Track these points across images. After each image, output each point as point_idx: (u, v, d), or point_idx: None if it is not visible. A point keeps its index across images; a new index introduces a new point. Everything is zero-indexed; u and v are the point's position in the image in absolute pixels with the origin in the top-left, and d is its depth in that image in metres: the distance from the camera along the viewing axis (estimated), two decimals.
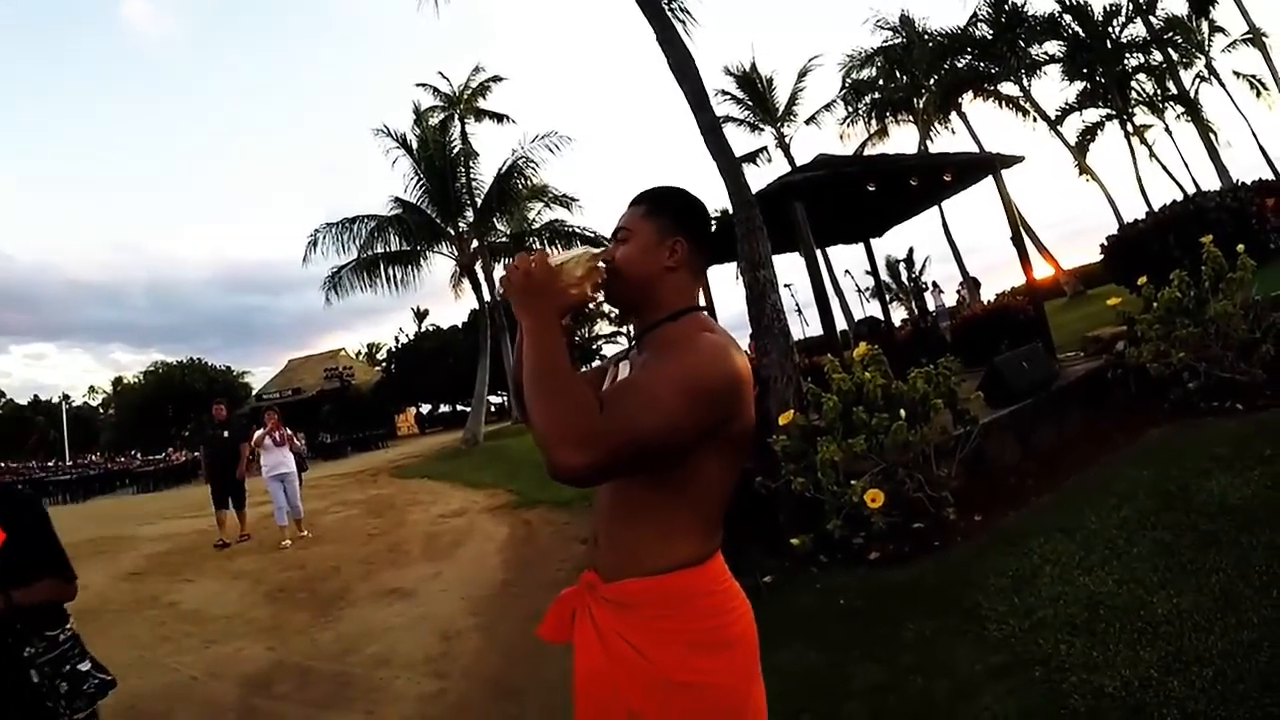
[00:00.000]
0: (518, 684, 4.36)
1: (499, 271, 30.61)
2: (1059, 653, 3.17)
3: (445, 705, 4.21)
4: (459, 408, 52.42)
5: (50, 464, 52.24)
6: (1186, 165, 35.32)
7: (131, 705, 4.56)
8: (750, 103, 31.71)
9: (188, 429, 11.30)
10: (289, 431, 10.25)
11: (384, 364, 58.35)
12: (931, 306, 20.27)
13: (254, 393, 51.79)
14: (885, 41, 29.45)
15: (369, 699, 4.39)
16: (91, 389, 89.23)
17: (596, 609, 1.52)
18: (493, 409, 39.80)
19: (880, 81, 30.02)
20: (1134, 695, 2.73)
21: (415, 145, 24.87)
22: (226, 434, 10.27)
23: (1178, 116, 28.08)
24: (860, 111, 30.27)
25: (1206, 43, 27.86)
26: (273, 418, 10.14)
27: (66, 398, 75.99)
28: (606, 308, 1.73)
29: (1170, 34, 26.64)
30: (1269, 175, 23.88)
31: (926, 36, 28.24)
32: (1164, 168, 28.45)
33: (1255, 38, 24.96)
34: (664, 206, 1.65)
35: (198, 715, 4.41)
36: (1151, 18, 24.60)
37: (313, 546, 9.35)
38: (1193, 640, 2.96)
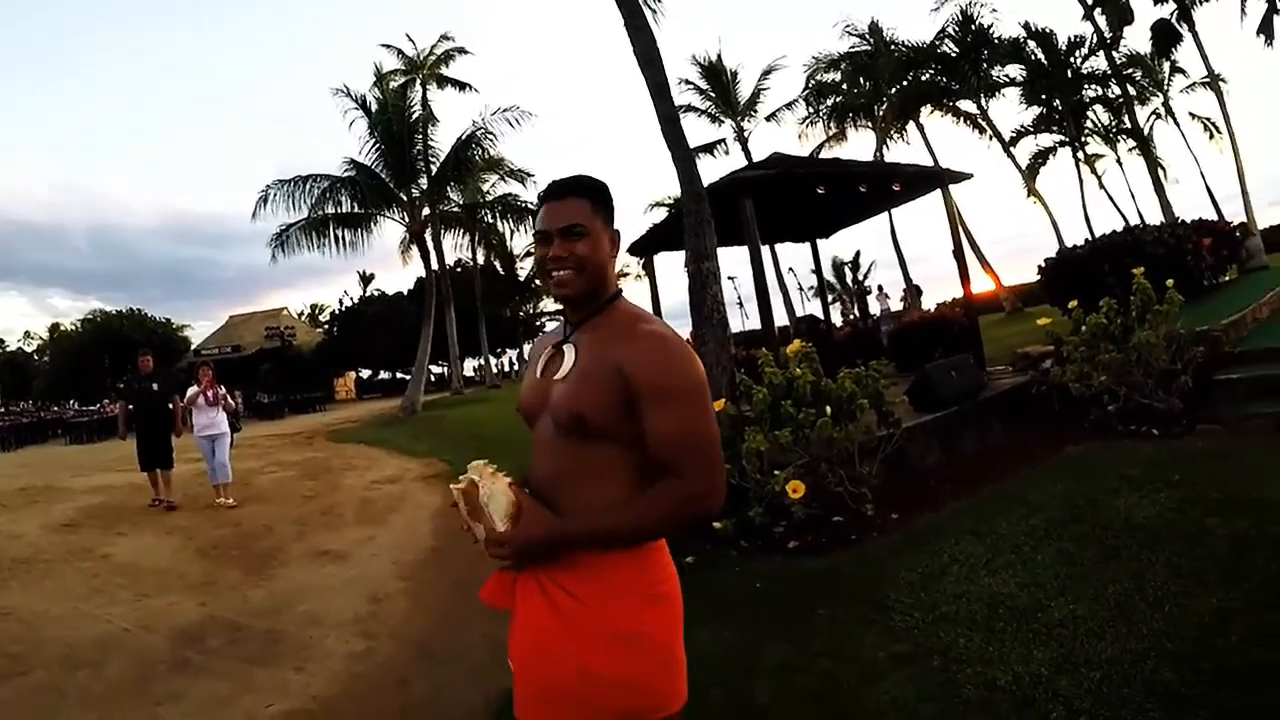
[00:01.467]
0: (443, 646, 4.48)
1: (449, 240, 30.54)
2: (957, 646, 3.35)
3: (373, 664, 4.30)
4: (399, 375, 51.95)
5: None
6: (1133, 197, 36.14)
7: (65, 655, 4.60)
8: (713, 94, 31.85)
9: (122, 381, 10.96)
10: (222, 390, 9.77)
11: (326, 326, 57.51)
12: (876, 310, 20.71)
13: (193, 347, 50.66)
14: (853, 47, 29.77)
15: (299, 656, 4.46)
16: (27, 334, 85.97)
17: (544, 568, 1.60)
18: (433, 379, 39.51)
19: (844, 86, 30.33)
20: (1024, 690, 2.90)
21: (374, 108, 24.56)
22: (156, 386, 9.73)
23: (1130, 150, 28.81)
24: (821, 113, 30.62)
25: (1166, 82, 28.51)
26: (206, 375, 9.59)
27: (1, 342, 73.67)
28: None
29: (1131, 70, 27.28)
30: (1212, 214, 24.59)
31: (893, 47, 28.58)
32: (1110, 198, 29.24)
33: (1213, 82, 25.61)
34: (604, 200, 1.73)
35: (130, 666, 4.41)
36: (1114, 53, 25.16)
37: (247, 506, 9.29)
38: (1084, 644, 3.16)
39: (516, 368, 54.34)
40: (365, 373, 56.47)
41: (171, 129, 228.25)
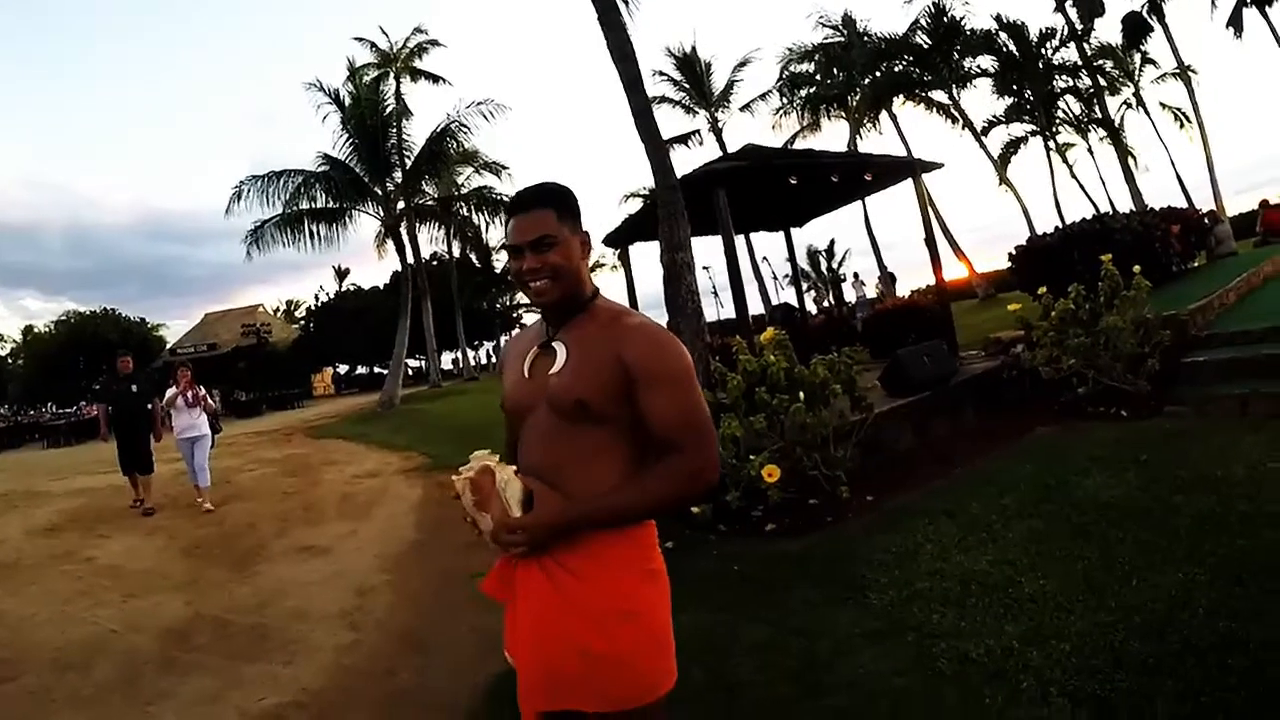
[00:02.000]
0: (428, 637, 4.54)
1: (424, 234, 30.47)
2: (931, 621, 3.44)
3: (360, 655, 4.35)
4: (376, 370, 51.74)
5: None
6: (1104, 185, 36.45)
7: (54, 658, 4.62)
8: (687, 85, 31.92)
9: (98, 382, 10.88)
10: (202, 390, 9.54)
11: (303, 322, 57.15)
12: (852, 297, 20.88)
13: (169, 346, 50.13)
14: (826, 38, 29.92)
15: (287, 650, 4.50)
16: (0, 338, 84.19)
17: (547, 550, 1.64)
18: (410, 373, 39.36)
19: (817, 76, 30.39)
20: (996, 662, 2.98)
21: (348, 102, 24.40)
22: (134, 388, 9.56)
23: (1100, 139, 29.05)
24: (795, 104, 30.66)
25: (1137, 73, 28.80)
26: (185, 376, 9.34)
27: None
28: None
29: (1101, 61, 27.54)
30: (1182, 202, 24.85)
31: (866, 38, 28.74)
32: (1081, 186, 29.46)
33: (1183, 73, 25.92)
34: (569, 206, 1.76)
35: (118, 666, 4.43)
36: (1085, 44, 25.32)
37: (229, 504, 9.24)
38: (1054, 618, 3.24)
39: (494, 360, 54.13)
40: (343, 368, 56.22)
41: (147, 125, 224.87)
